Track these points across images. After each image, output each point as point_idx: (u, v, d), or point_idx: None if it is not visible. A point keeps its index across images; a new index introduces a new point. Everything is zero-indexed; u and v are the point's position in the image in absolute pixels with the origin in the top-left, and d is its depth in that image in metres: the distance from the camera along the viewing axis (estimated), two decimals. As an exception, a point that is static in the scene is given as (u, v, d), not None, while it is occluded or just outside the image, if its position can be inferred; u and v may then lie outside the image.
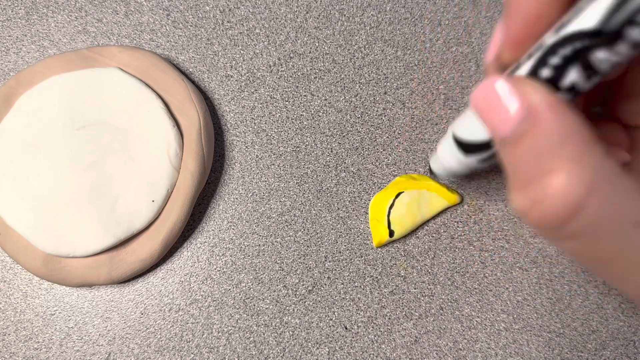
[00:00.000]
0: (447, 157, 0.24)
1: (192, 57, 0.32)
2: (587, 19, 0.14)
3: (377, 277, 0.30)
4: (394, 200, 0.29)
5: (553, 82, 0.16)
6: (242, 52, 0.32)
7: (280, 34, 0.33)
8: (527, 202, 0.15)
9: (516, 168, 0.16)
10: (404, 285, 0.30)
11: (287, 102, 0.32)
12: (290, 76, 0.32)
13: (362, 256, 0.30)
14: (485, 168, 0.27)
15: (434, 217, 0.30)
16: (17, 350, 0.29)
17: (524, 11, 0.16)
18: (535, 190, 0.15)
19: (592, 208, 0.14)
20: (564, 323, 0.29)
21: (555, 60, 0.15)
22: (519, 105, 0.15)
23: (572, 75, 0.15)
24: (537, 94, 0.15)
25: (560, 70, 0.15)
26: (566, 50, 0.15)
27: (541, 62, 0.16)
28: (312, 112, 0.32)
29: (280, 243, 0.30)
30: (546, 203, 0.14)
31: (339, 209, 0.31)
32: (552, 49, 0.15)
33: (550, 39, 0.15)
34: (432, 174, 0.28)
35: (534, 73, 0.16)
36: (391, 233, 0.29)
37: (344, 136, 0.32)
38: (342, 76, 0.32)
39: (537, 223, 0.15)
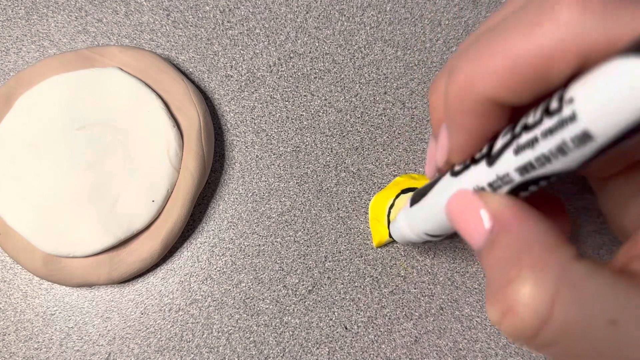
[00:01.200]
0: (408, 234, 0.24)
1: (192, 57, 0.32)
2: (561, 161, 0.13)
3: (377, 277, 0.30)
4: (394, 201, 0.29)
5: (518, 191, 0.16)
6: (242, 52, 0.32)
7: (280, 34, 0.33)
8: (498, 314, 0.15)
9: (488, 278, 0.16)
10: (404, 285, 0.30)
11: (287, 102, 0.32)
12: (290, 76, 0.32)
13: (362, 256, 0.30)
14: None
15: (434, 217, 0.30)
16: (17, 350, 0.29)
17: (467, 129, 0.17)
18: (504, 302, 0.15)
19: (559, 316, 0.13)
20: (564, 323, 0.29)
21: (524, 193, 0.16)
22: (487, 216, 0.16)
23: (536, 188, 0.16)
24: (500, 204, 0.16)
25: (526, 190, 0.16)
26: (536, 185, 0.15)
27: (512, 190, 0.16)
28: (312, 112, 0.32)
29: (280, 243, 0.30)
30: (514, 315, 0.14)
31: (339, 209, 0.31)
32: (522, 186, 0.15)
33: (513, 171, 0.15)
34: (390, 236, 0.28)
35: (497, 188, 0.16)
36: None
37: (344, 136, 0.32)
38: (342, 76, 0.32)
39: (510, 335, 0.15)
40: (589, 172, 0.19)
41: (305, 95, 0.32)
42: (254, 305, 0.30)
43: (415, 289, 0.30)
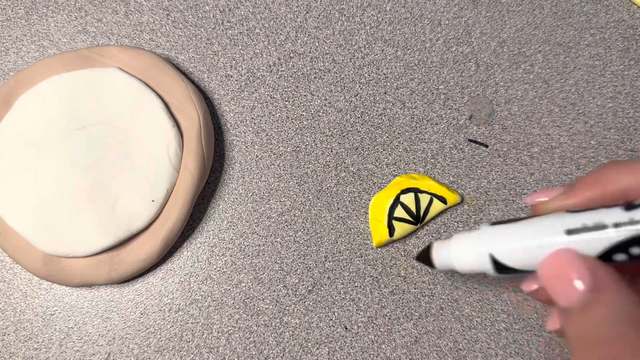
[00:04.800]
0: (468, 263, 0.21)
1: (192, 57, 0.32)
2: None
3: (377, 277, 0.30)
4: (394, 201, 0.29)
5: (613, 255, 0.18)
6: (242, 52, 0.32)
7: (280, 34, 0.33)
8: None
9: (582, 333, 0.17)
10: (404, 285, 0.30)
11: (287, 102, 0.32)
12: (290, 76, 0.32)
13: (362, 256, 0.30)
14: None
15: (434, 217, 0.30)
16: (17, 350, 0.29)
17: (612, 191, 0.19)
18: (605, 353, 0.16)
19: None
20: (564, 323, 0.29)
21: (620, 257, 0.18)
22: (589, 279, 0.17)
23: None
24: (604, 270, 0.17)
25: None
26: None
27: (618, 249, 0.17)
28: (312, 112, 0.32)
29: (280, 243, 0.30)
30: None
31: (339, 209, 0.31)
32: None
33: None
34: (423, 261, 0.24)
35: (607, 253, 0.18)
36: (392, 232, 0.29)
37: (344, 136, 0.32)
38: (342, 76, 0.32)
39: None
40: None
41: (305, 95, 0.32)
42: (254, 305, 0.30)
43: (415, 289, 0.30)
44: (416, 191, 0.29)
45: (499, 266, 0.20)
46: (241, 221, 0.31)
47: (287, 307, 0.30)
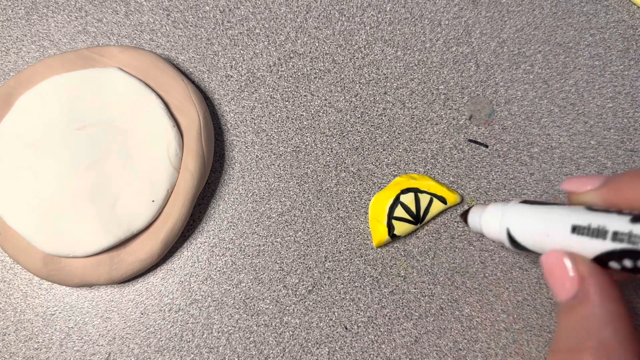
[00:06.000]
0: (491, 231, 0.24)
1: (192, 57, 0.32)
2: None
3: (377, 277, 0.30)
4: (394, 200, 0.29)
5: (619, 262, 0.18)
6: (242, 52, 0.32)
7: (280, 34, 0.33)
8: None
9: (562, 333, 0.18)
10: (404, 285, 0.30)
11: (287, 102, 0.32)
12: (290, 76, 0.32)
13: (362, 256, 0.30)
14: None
15: (434, 217, 0.30)
16: (17, 350, 0.29)
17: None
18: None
19: None
20: (564, 323, 0.29)
21: (615, 265, 0.18)
22: (575, 287, 0.18)
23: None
24: (592, 277, 0.18)
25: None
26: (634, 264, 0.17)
27: (612, 255, 0.18)
28: (312, 112, 0.32)
29: (280, 243, 0.30)
30: None
31: (339, 209, 0.31)
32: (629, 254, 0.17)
33: None
34: (463, 219, 0.28)
35: (609, 255, 0.18)
36: (392, 233, 0.29)
37: (344, 136, 0.32)
38: (342, 76, 0.32)
39: None
40: None
41: (305, 95, 0.32)
42: (254, 305, 0.30)
43: (415, 289, 0.30)
44: (416, 191, 0.29)
45: (513, 241, 0.22)
46: (241, 221, 0.31)
47: (287, 307, 0.30)
